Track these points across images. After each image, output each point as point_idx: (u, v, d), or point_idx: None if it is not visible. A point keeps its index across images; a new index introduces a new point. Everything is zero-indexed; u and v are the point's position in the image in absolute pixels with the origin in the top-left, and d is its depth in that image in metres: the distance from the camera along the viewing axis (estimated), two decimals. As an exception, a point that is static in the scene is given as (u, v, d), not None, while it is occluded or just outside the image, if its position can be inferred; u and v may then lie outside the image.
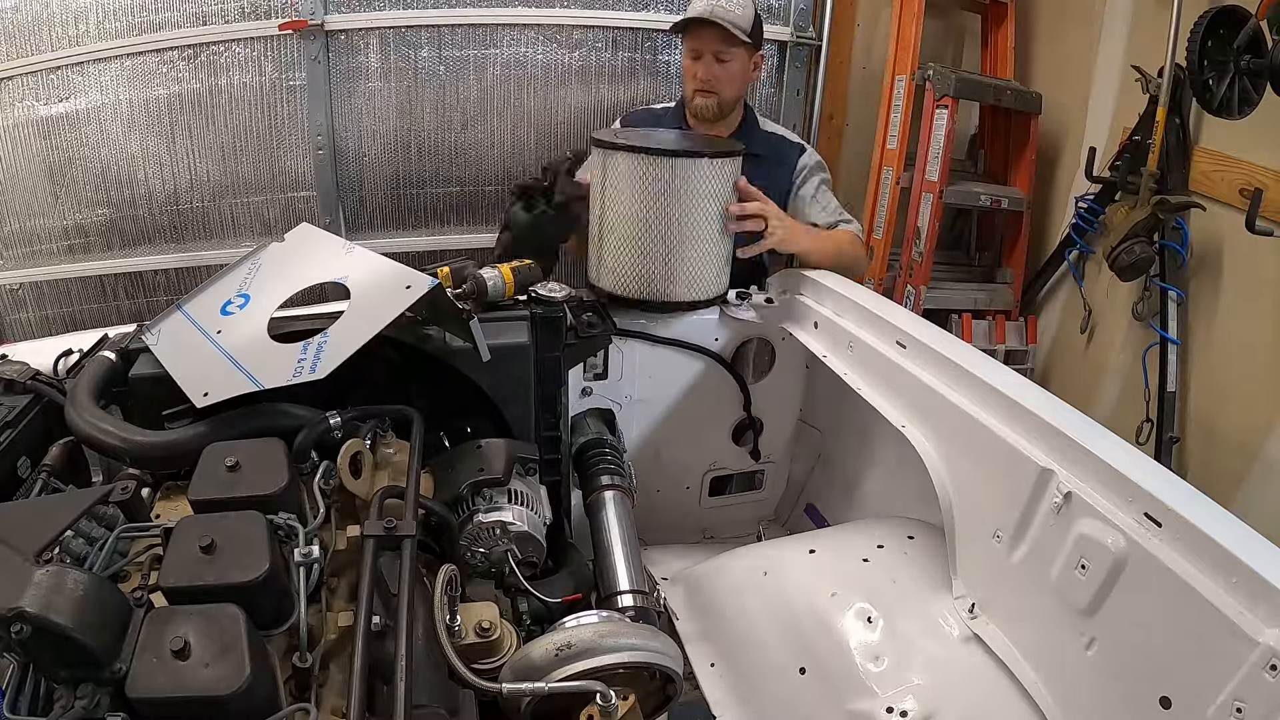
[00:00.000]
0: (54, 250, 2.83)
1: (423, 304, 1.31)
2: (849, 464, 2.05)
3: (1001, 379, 1.41)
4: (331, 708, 0.93)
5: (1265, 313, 2.26)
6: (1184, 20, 2.29)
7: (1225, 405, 2.40)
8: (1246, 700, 0.95)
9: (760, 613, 1.51)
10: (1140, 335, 2.63)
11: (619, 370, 1.88)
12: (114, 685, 0.81)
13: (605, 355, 1.84)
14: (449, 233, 3.02)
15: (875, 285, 3.10)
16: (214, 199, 2.81)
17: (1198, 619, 1.01)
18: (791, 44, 3.04)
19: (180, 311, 1.47)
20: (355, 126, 2.81)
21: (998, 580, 1.35)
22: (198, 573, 0.90)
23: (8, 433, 1.24)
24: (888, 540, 1.56)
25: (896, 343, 1.63)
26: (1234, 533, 1.04)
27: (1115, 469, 1.17)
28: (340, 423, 1.23)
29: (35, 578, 0.81)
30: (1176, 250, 2.45)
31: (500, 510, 1.34)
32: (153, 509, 1.17)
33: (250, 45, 2.65)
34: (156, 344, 1.37)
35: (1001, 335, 3.09)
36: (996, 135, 3.19)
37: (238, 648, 0.82)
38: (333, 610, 1.02)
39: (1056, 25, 3.09)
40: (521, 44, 2.83)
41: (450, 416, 1.49)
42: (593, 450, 1.74)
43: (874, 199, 3.10)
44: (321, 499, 1.12)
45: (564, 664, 1.10)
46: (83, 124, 2.67)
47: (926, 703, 1.25)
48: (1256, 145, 2.23)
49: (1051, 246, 3.05)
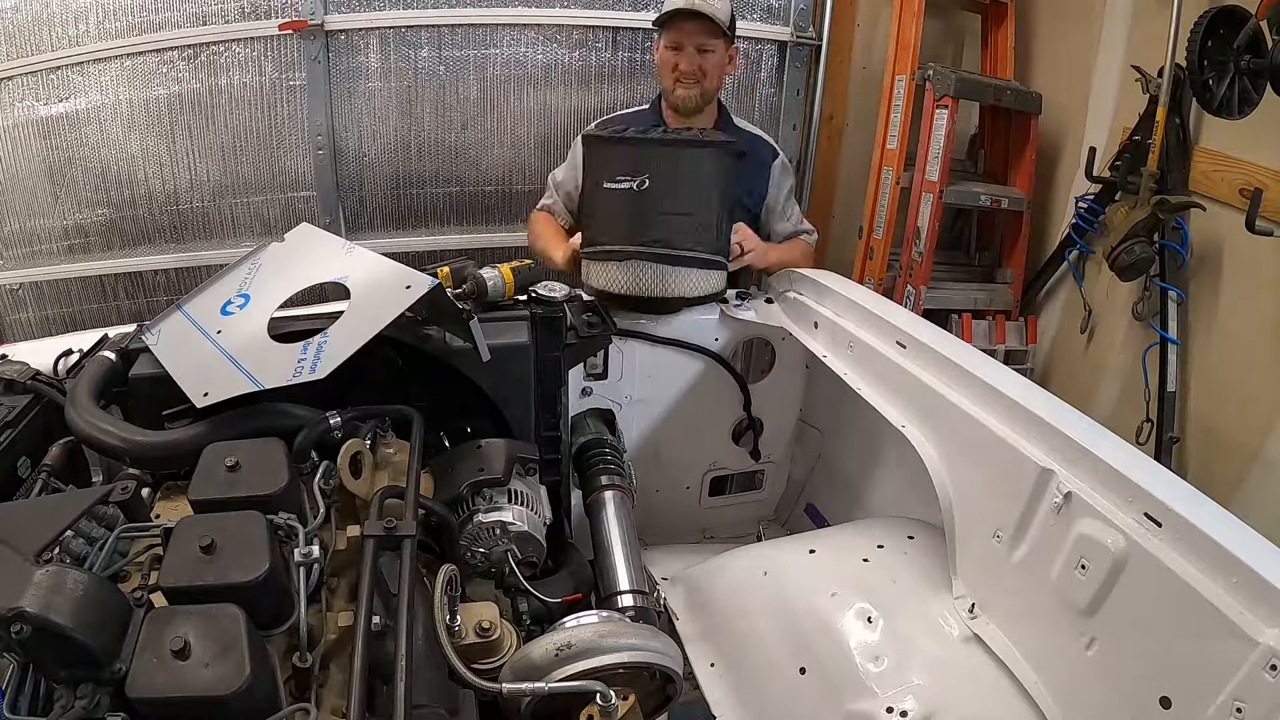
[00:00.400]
0: (54, 250, 2.83)
1: (423, 304, 1.31)
2: (849, 464, 2.04)
3: (1001, 379, 1.41)
4: (331, 708, 0.93)
5: (1265, 313, 2.26)
6: (1184, 20, 2.29)
7: (1225, 405, 2.40)
8: (1246, 700, 0.95)
9: (760, 613, 1.51)
10: (1140, 335, 2.63)
11: (619, 370, 1.88)
12: (114, 685, 0.81)
13: (605, 355, 1.84)
14: (449, 233, 3.02)
15: (875, 285, 3.10)
16: (214, 199, 2.81)
17: (1198, 619, 1.01)
18: (791, 44, 3.04)
19: (180, 311, 1.47)
20: (355, 126, 2.81)
21: (998, 580, 1.35)
22: (198, 573, 0.90)
23: (8, 433, 1.24)
24: (888, 540, 1.56)
25: (896, 343, 1.63)
26: (1234, 533, 1.04)
27: (1115, 469, 1.17)
28: (340, 423, 1.23)
29: (35, 578, 0.81)
30: (1176, 250, 2.45)
31: (500, 510, 1.34)
32: (153, 509, 1.17)
33: (250, 45, 2.65)
34: (156, 344, 1.37)
35: (1001, 335, 3.08)
36: (996, 135, 3.19)
37: (238, 648, 0.82)
38: (333, 610, 1.02)
39: (1056, 25, 3.09)
40: (521, 44, 2.83)
41: (450, 416, 1.49)
42: (593, 450, 1.74)
43: (874, 199, 3.10)
44: (321, 499, 1.12)
45: (564, 664, 1.10)
46: (83, 124, 2.67)
47: (926, 703, 1.25)
48: (1256, 145, 2.23)
49: (1051, 246, 3.05)
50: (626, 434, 1.89)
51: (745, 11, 2.98)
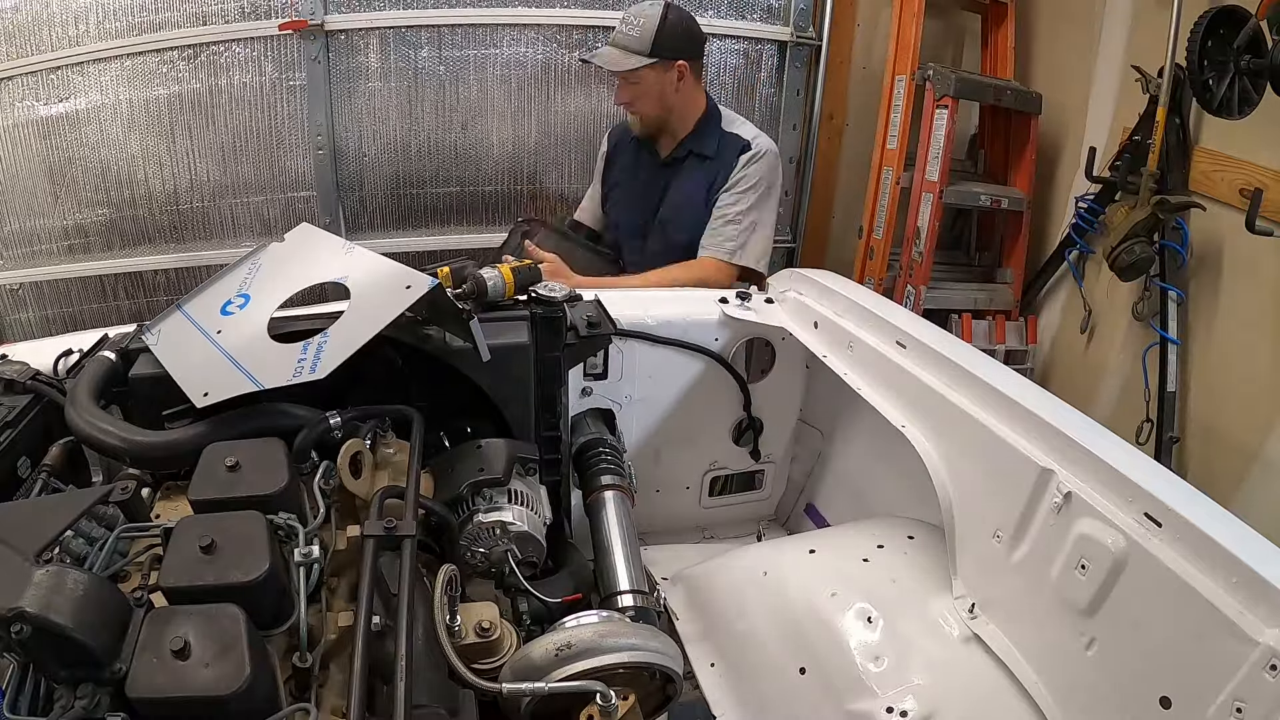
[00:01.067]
0: (54, 250, 2.83)
1: (423, 304, 1.31)
2: (849, 464, 2.04)
3: (1001, 379, 1.41)
4: (331, 708, 0.93)
5: (1265, 313, 2.26)
6: (1184, 20, 2.29)
7: (1225, 405, 2.40)
8: (1246, 700, 0.95)
9: (760, 613, 1.51)
10: (1140, 335, 2.63)
11: (619, 370, 1.87)
12: (114, 685, 0.81)
13: (605, 355, 1.84)
14: (449, 233, 3.02)
15: (875, 285, 3.10)
16: (214, 199, 2.81)
17: (1198, 619, 1.01)
18: (791, 44, 3.04)
19: (180, 311, 1.47)
20: (355, 126, 2.81)
21: (998, 580, 1.35)
22: (198, 573, 0.90)
23: (8, 433, 1.24)
24: (888, 540, 1.56)
25: (896, 343, 1.62)
26: (1234, 533, 1.04)
27: (1115, 469, 1.17)
28: (340, 423, 1.23)
29: (35, 578, 0.81)
30: (1176, 250, 2.45)
31: (500, 510, 1.34)
32: (153, 509, 1.17)
33: (250, 45, 2.65)
34: (156, 344, 1.37)
35: (1001, 335, 3.09)
36: (996, 135, 3.19)
37: (238, 648, 0.82)
38: (333, 610, 1.02)
39: (1056, 25, 3.09)
40: (521, 44, 2.83)
41: (450, 416, 1.48)
42: (593, 450, 1.73)
43: (874, 199, 3.10)
44: (321, 499, 1.12)
45: (564, 664, 1.10)
46: (83, 124, 2.67)
47: (926, 703, 1.25)
48: (1256, 145, 2.23)
49: (1051, 246, 3.05)
50: (626, 434, 1.89)
51: (745, 11, 2.99)
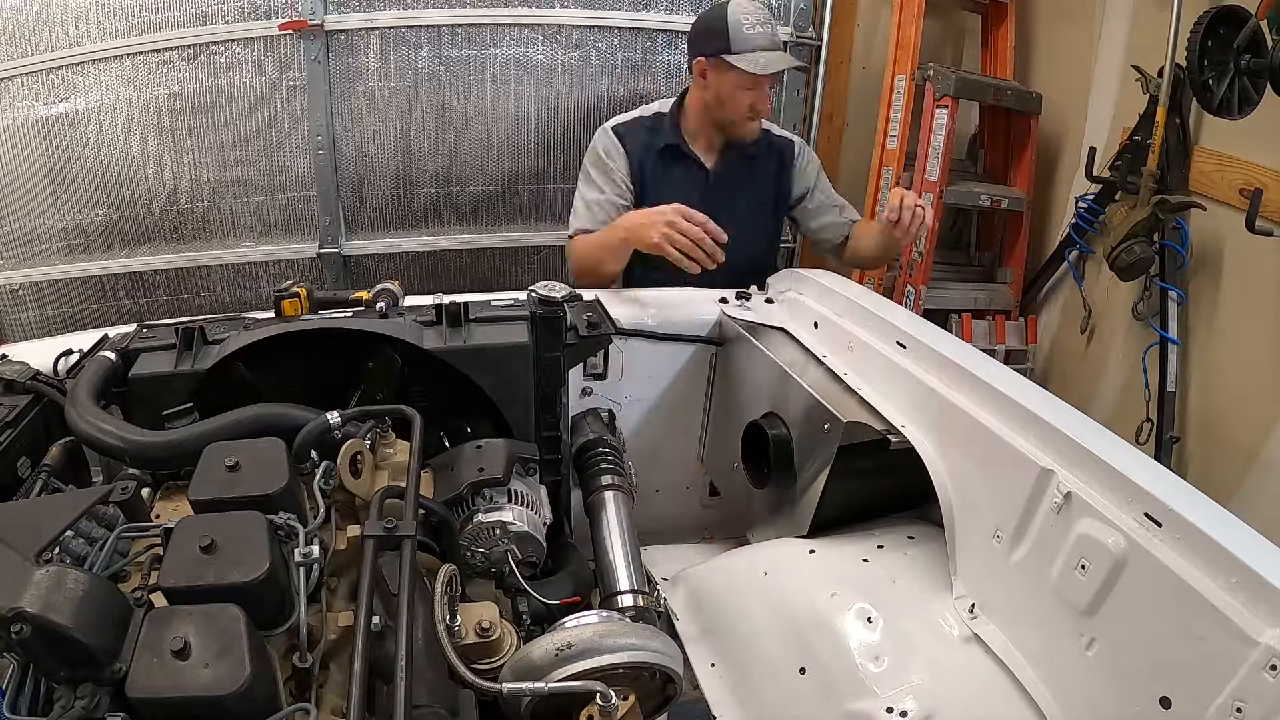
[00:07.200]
0: (54, 250, 2.83)
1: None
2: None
3: (1001, 379, 1.41)
4: (331, 708, 0.93)
5: (1265, 313, 2.26)
6: (1184, 20, 2.29)
7: (1225, 405, 2.40)
8: (1246, 700, 0.95)
9: (760, 613, 1.51)
10: (1140, 335, 2.63)
11: (619, 370, 1.87)
12: (114, 685, 0.81)
13: (605, 355, 1.84)
14: (449, 233, 3.02)
15: (875, 285, 3.10)
16: (214, 199, 2.81)
17: (1198, 619, 1.01)
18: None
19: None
20: (355, 126, 2.81)
21: (998, 580, 1.34)
22: (198, 573, 0.90)
23: (8, 433, 1.23)
24: (888, 540, 1.56)
25: (896, 343, 1.62)
26: (1234, 533, 1.04)
27: (1115, 469, 1.16)
28: (340, 423, 1.23)
29: (35, 578, 0.81)
30: (1176, 250, 2.45)
31: (500, 510, 1.34)
32: (153, 509, 1.17)
33: (250, 45, 2.65)
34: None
35: (1001, 335, 3.09)
36: (996, 135, 3.19)
37: (238, 648, 0.82)
38: (333, 610, 1.02)
39: (1056, 25, 3.09)
40: (521, 44, 2.82)
41: (450, 416, 1.48)
42: (593, 450, 1.73)
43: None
44: (321, 499, 1.12)
45: (564, 664, 1.10)
46: (83, 124, 2.66)
47: (926, 703, 1.25)
48: (1256, 145, 2.23)
49: (1051, 246, 3.05)
50: (626, 434, 1.89)
51: (745, 11, 2.97)
